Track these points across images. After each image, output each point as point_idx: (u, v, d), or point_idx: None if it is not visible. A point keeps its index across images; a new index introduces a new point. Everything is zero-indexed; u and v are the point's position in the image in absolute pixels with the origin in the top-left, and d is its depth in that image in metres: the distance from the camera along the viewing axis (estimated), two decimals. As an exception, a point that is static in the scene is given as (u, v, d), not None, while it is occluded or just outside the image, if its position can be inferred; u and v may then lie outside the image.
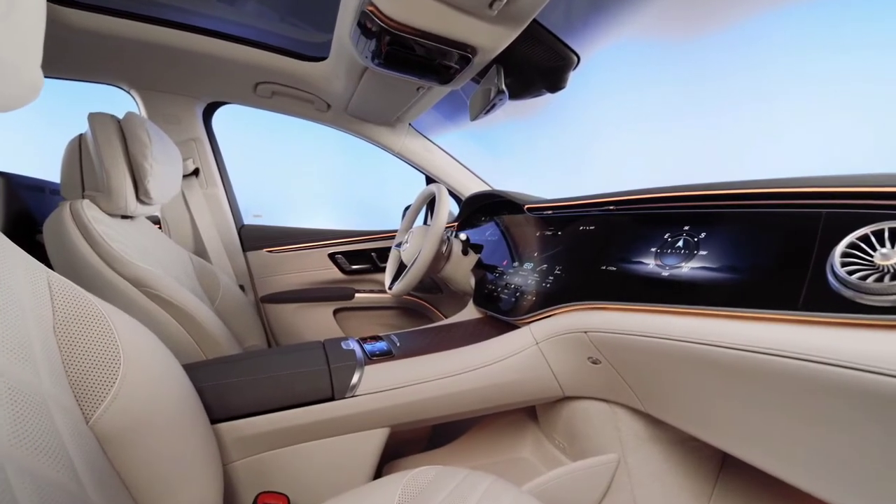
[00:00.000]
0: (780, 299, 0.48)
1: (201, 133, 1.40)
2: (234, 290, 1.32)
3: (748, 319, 0.50)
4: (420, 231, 1.25)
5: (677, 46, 1.19)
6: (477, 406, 0.84)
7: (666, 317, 0.61)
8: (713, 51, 1.12)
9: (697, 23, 1.13)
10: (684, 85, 1.24)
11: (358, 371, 0.76)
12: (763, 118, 1.08)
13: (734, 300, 0.53)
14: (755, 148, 1.12)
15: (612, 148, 1.58)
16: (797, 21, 0.95)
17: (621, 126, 1.50)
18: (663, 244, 0.67)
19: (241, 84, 1.30)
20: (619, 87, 1.42)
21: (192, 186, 1.41)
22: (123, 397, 0.47)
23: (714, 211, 0.62)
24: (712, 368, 0.55)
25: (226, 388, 0.68)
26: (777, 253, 0.51)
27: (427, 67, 0.92)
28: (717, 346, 0.53)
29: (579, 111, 1.60)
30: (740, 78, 1.11)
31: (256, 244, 1.55)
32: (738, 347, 0.50)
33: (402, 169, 1.66)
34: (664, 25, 1.16)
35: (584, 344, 0.76)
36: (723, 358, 0.52)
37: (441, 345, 0.88)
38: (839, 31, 0.91)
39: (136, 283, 0.87)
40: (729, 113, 1.17)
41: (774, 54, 1.01)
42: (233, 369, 0.72)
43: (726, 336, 0.52)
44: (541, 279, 0.90)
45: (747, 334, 0.49)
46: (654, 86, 1.34)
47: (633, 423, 0.82)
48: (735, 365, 0.51)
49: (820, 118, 0.97)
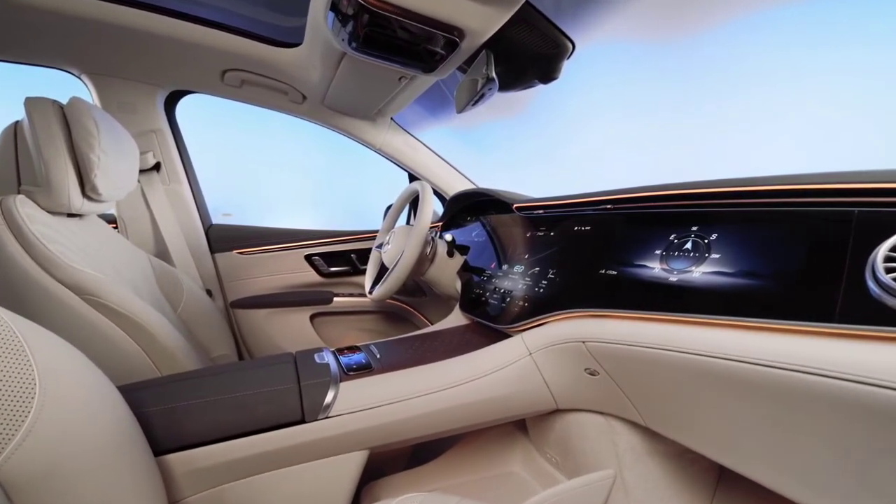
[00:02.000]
0: (812, 310, 0.42)
1: (162, 124, 1.29)
2: (200, 296, 1.21)
3: (774, 332, 0.45)
4: (402, 231, 1.18)
5: (668, 42, 1.16)
6: (465, 423, 0.77)
7: (675, 327, 0.55)
8: (707, 46, 1.09)
9: (688, 19, 1.10)
10: (673, 81, 1.22)
11: (332, 389, 0.68)
12: (751, 114, 1.06)
13: (756, 310, 0.47)
14: (744, 145, 1.10)
15: (600, 144, 1.55)
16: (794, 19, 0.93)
17: (611, 121, 1.46)
18: (669, 246, 0.61)
19: (206, 71, 1.20)
20: (607, 81, 1.38)
21: (153, 182, 1.30)
22: (38, 435, 0.38)
23: (726, 210, 0.57)
24: (729, 385, 0.50)
25: (176, 413, 0.59)
26: (803, 257, 0.45)
27: (410, 53, 0.84)
28: (737, 360, 0.47)
29: (567, 106, 1.55)
30: (727, 75, 1.08)
31: (225, 245, 1.45)
32: (764, 363, 0.44)
33: (386, 167, 1.58)
34: (656, 21, 1.13)
35: (581, 354, 0.70)
36: (743, 374, 0.47)
37: (425, 356, 0.81)
38: (837, 28, 0.89)
39: (78, 291, 0.77)
40: (718, 110, 1.14)
41: (770, 53, 0.99)
42: (185, 390, 0.63)
43: (748, 350, 0.46)
44: (533, 283, 0.84)
45: (774, 348, 0.44)
46: (643, 81, 1.30)
47: (631, 436, 0.77)
48: (759, 382, 0.46)
49: (812, 114, 0.96)
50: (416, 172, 1.55)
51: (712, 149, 1.17)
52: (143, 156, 1.25)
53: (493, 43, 0.78)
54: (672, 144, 1.28)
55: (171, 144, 1.32)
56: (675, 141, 1.27)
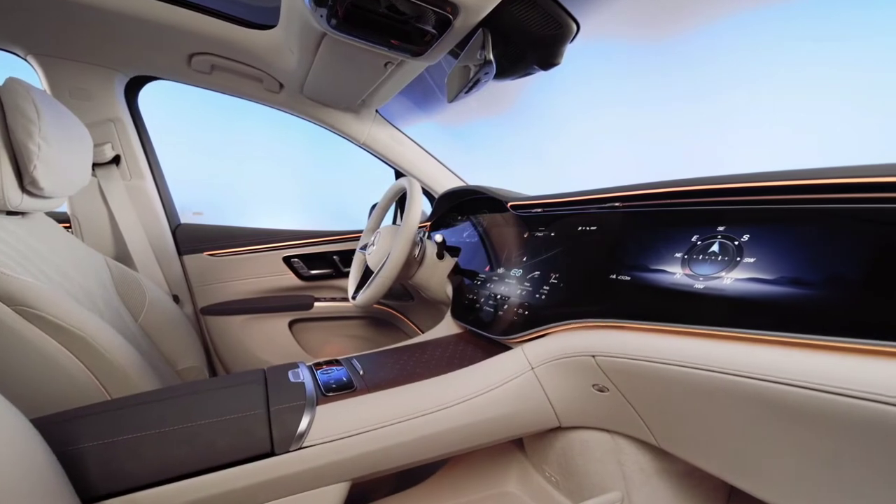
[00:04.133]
0: (881, 327, 0.35)
1: (122, 113, 1.16)
2: (165, 302, 1.10)
3: (831, 350, 0.38)
4: (389, 232, 1.09)
5: (656, 38, 1.11)
6: (459, 447, 0.69)
7: (705, 342, 0.48)
8: (694, 42, 1.05)
9: (678, 16, 1.06)
10: (663, 75, 1.16)
11: (307, 413, 0.59)
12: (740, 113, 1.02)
13: (806, 324, 0.40)
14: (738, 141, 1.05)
15: (589, 141, 1.49)
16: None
17: (600, 116, 1.40)
18: (691, 249, 0.54)
19: (171, 55, 1.08)
20: (596, 76, 1.32)
21: (112, 177, 1.17)
22: None
23: (760, 207, 0.50)
24: (769, 410, 0.43)
25: (115, 449, 0.49)
26: (867, 262, 0.38)
27: (397, 33, 0.76)
28: (783, 383, 0.40)
29: (556, 102, 1.48)
30: (715, 70, 1.04)
31: (195, 246, 1.33)
32: (818, 388, 0.37)
33: (372, 163, 1.48)
34: (648, 17, 1.08)
35: (590, 369, 0.63)
36: (790, 399, 0.40)
37: (415, 371, 0.72)
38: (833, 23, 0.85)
39: (9, 301, 0.66)
40: (709, 105, 1.09)
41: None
42: (129, 419, 0.53)
43: (798, 371, 0.39)
44: (533, 289, 0.76)
45: (832, 371, 0.37)
46: (633, 77, 1.25)
47: (639, 455, 0.71)
48: (809, 409, 0.39)
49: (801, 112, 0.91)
50: (402, 169, 1.46)
51: (704, 142, 1.12)
52: (99, 148, 1.13)
53: (488, 22, 0.70)
54: (665, 140, 1.23)
55: (133, 135, 1.19)
56: (668, 137, 1.22)
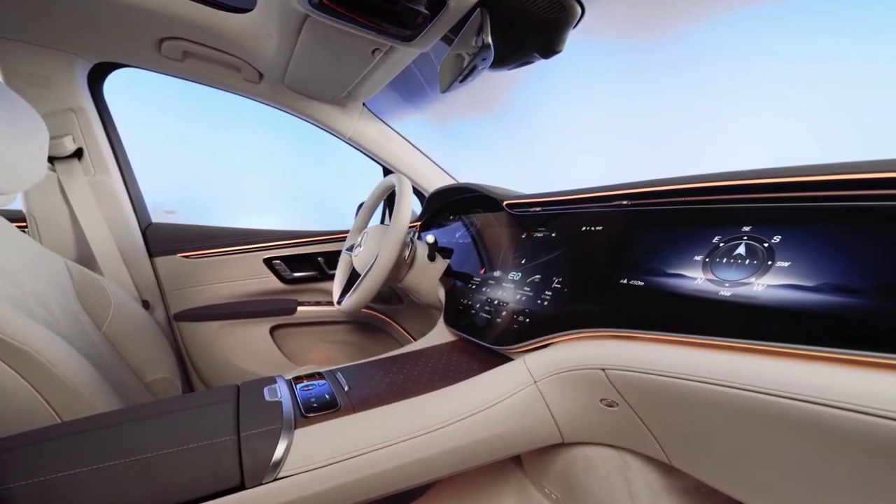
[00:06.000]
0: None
1: (85, 102, 1.07)
2: (132, 308, 1.02)
3: (886, 369, 0.33)
4: (377, 232, 1.02)
5: (647, 37, 1.07)
6: (453, 469, 0.62)
7: (732, 356, 0.43)
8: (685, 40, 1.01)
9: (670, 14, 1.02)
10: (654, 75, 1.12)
11: (284, 438, 0.52)
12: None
13: (855, 339, 0.35)
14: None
15: (581, 140, 1.44)
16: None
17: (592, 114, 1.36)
18: (713, 251, 0.49)
19: (138, 39, 0.99)
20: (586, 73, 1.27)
21: (73, 172, 1.08)
22: None
23: (793, 206, 0.45)
24: (810, 433, 0.38)
25: (53, 489, 0.42)
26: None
27: (386, 15, 0.69)
28: (827, 405, 0.35)
29: (547, 99, 1.43)
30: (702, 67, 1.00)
31: (168, 248, 1.24)
32: (875, 412, 0.32)
33: (360, 161, 1.41)
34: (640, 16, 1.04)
35: (599, 383, 0.57)
36: (838, 422, 0.35)
37: (406, 386, 0.66)
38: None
39: (-65, 310, 0.57)
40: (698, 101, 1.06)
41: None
42: (70, 450, 0.45)
43: (851, 392, 0.34)
44: (534, 294, 0.71)
45: (887, 393, 0.32)
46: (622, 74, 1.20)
47: (647, 472, 0.66)
48: (859, 434, 0.34)
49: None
50: (391, 166, 1.39)
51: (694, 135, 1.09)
52: (58, 140, 1.03)
53: (486, 2, 0.64)
54: (656, 134, 1.19)
55: (97, 127, 1.10)
56: (658, 130, 1.18)
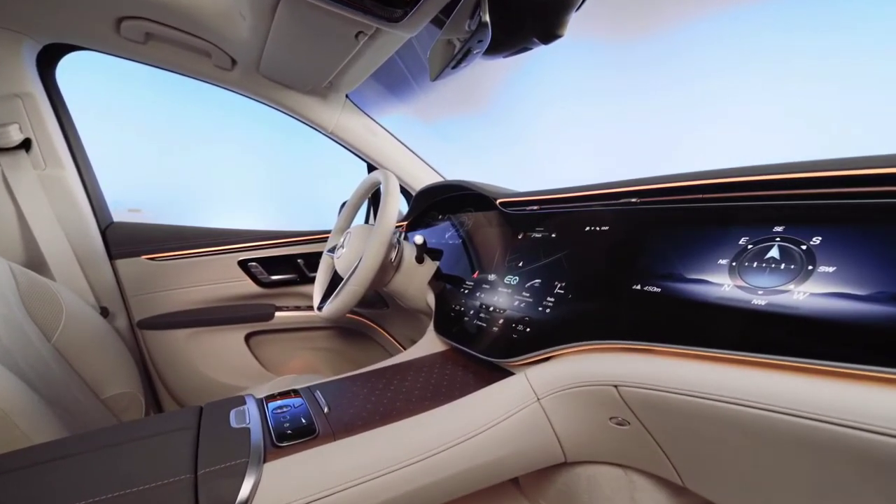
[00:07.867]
0: None
1: (33, 87, 0.96)
2: (88, 316, 0.92)
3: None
4: (360, 232, 0.94)
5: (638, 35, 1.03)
6: (446, 498, 0.56)
7: (768, 374, 0.38)
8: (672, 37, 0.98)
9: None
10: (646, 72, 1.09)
11: (251, 474, 0.44)
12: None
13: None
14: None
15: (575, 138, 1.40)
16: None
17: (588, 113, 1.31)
18: (741, 254, 0.43)
19: (94, 17, 0.89)
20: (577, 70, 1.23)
21: (21, 166, 0.97)
22: None
23: (834, 203, 0.39)
24: (866, 468, 0.33)
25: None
26: None
27: (370, -10, 0.62)
28: (878, 433, 0.30)
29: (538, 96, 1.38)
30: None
31: (131, 249, 1.14)
32: None
33: (344, 156, 1.32)
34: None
35: (609, 401, 0.51)
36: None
37: (393, 405, 0.59)
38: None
39: None
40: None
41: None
42: None
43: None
44: (534, 300, 0.65)
45: None
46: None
47: (656, 493, 0.62)
48: None
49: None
50: (376, 162, 1.31)
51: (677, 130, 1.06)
52: (2, 129, 0.92)
53: (483, -22, 0.58)
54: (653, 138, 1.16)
55: (49, 115, 0.99)
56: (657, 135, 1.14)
